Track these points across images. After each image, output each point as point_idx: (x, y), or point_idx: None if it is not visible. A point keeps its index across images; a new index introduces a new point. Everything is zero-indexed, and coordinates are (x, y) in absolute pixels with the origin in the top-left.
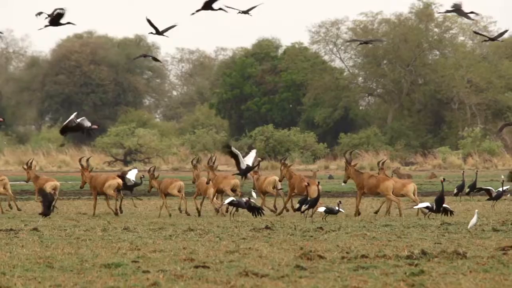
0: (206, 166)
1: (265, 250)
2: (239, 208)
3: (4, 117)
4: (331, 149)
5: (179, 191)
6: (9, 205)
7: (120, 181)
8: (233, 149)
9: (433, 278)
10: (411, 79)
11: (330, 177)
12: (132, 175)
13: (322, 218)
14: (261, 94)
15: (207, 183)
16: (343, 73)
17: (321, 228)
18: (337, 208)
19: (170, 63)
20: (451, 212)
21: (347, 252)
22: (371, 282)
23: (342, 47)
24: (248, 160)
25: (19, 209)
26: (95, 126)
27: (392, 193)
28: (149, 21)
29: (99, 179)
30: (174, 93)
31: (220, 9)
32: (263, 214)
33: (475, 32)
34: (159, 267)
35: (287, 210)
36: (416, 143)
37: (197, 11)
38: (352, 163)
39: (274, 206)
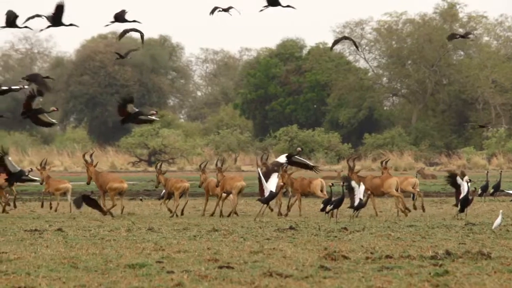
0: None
1: (289, 251)
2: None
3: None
4: (355, 150)
5: (182, 193)
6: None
7: (125, 185)
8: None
9: (458, 279)
10: (436, 79)
11: None
12: None
13: (352, 217)
14: (286, 94)
15: (217, 185)
16: (367, 74)
17: (345, 228)
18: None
19: (195, 63)
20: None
21: (371, 253)
22: (396, 282)
23: (366, 48)
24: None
25: (15, 207)
26: (154, 112)
27: (396, 190)
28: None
29: (105, 177)
30: (199, 93)
31: (288, 6)
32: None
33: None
34: (183, 267)
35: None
36: (441, 144)
37: (265, 7)
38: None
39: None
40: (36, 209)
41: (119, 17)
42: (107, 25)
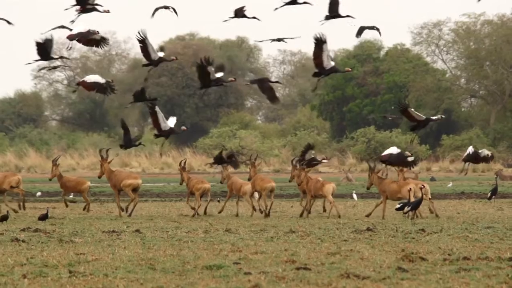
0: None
1: (366, 252)
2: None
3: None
4: (433, 151)
5: (203, 194)
6: (19, 205)
7: (140, 181)
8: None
9: None
10: None
11: (432, 179)
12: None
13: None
14: (363, 95)
15: (249, 179)
16: (445, 75)
17: (423, 230)
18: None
19: (272, 65)
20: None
21: (449, 254)
22: (473, 284)
23: (444, 49)
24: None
25: (24, 209)
26: (232, 79)
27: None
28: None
29: (119, 175)
30: (276, 94)
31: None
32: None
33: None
34: (260, 268)
35: (308, 213)
36: None
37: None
38: (376, 170)
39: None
40: (113, 210)
41: (239, 12)
42: (225, 20)
